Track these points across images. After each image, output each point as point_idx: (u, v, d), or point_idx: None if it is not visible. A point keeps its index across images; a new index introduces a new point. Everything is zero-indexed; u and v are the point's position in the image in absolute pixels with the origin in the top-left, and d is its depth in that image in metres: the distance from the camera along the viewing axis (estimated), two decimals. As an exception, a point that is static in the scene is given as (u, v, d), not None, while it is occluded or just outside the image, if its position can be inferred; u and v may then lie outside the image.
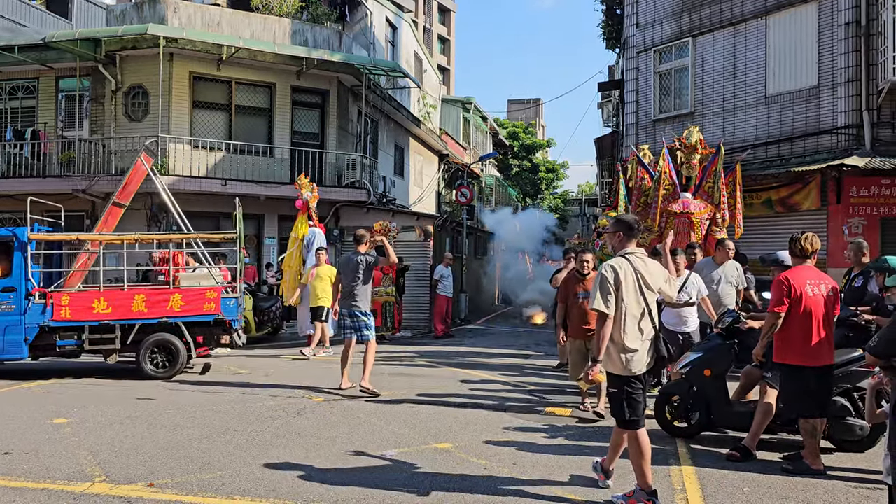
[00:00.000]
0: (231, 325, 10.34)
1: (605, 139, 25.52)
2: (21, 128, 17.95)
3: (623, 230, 4.88)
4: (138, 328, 10.01)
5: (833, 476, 5.37)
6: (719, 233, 10.16)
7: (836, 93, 12.55)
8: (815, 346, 5.45)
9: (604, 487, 5.06)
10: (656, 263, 5.01)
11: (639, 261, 4.79)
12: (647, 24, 16.14)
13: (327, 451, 5.98)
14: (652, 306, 4.76)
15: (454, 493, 4.95)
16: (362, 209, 18.41)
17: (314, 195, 13.92)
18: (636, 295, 4.69)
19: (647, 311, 4.72)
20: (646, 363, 4.71)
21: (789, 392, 5.57)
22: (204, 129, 17.48)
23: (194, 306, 10.16)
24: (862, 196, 12.03)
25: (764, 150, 13.63)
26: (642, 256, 4.86)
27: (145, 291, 10.21)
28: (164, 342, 10.04)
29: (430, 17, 61.08)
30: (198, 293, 10.25)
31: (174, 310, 10.07)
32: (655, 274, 4.84)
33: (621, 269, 4.69)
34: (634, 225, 4.91)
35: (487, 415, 7.57)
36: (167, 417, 7.34)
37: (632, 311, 4.67)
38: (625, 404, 4.69)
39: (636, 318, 4.68)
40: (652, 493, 4.61)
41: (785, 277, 5.53)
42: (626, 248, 4.85)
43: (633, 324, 4.66)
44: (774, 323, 5.52)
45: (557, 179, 52.42)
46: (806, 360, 5.45)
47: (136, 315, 9.99)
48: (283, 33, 18.32)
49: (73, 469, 5.42)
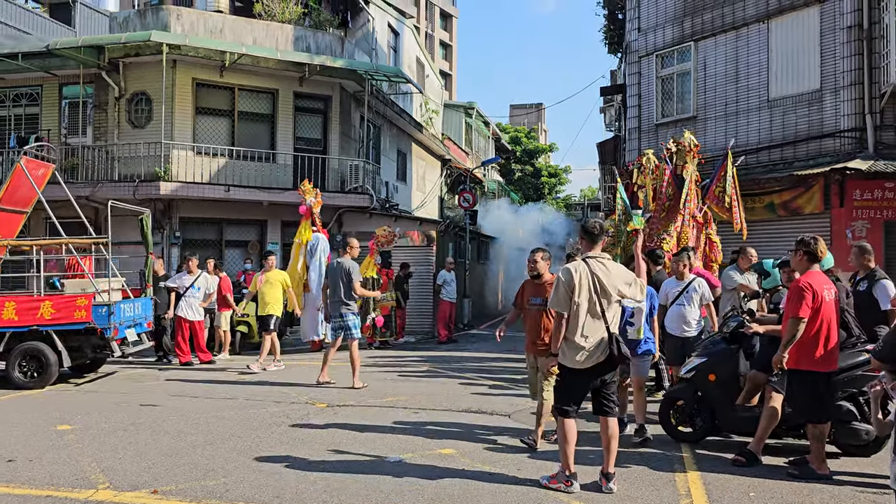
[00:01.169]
0: (103, 333, 9.80)
1: (608, 144, 25.50)
2: (25, 135, 18.00)
3: (585, 236, 5.31)
4: (9, 336, 9.72)
5: (839, 481, 5.35)
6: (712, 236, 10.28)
7: (839, 96, 12.53)
8: (829, 351, 5.44)
9: (608, 492, 5.05)
10: (620, 267, 5.32)
11: (598, 264, 5.14)
12: (649, 29, 16.16)
13: (331, 457, 5.97)
14: (607, 308, 5.09)
15: (459, 498, 4.93)
16: (365, 215, 18.42)
17: (318, 201, 13.90)
18: (589, 295, 5.07)
19: (600, 311, 5.07)
20: (594, 360, 5.07)
21: (802, 398, 5.49)
22: (207, 135, 17.52)
23: (65, 314, 9.78)
24: (865, 199, 11.99)
25: (767, 154, 13.61)
26: (603, 260, 5.20)
27: (17, 299, 9.99)
28: (34, 351, 9.71)
29: (432, 23, 61.19)
30: (69, 301, 9.89)
31: (44, 318, 9.74)
32: (615, 276, 5.14)
33: (576, 272, 5.09)
34: (594, 231, 5.27)
35: (491, 420, 7.55)
36: (171, 424, 7.33)
37: (584, 311, 5.06)
38: (563, 392, 5.24)
39: (588, 317, 5.06)
40: (572, 475, 5.12)
41: (807, 283, 5.41)
42: (588, 252, 5.25)
43: (584, 323, 5.06)
44: (798, 328, 5.36)
45: (560, 184, 52.45)
46: (820, 366, 5.42)
47: (7, 323, 9.72)
48: (285, 39, 18.36)
49: (78, 476, 5.42)
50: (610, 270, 5.15)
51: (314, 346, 14.01)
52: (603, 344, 5.06)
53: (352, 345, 9.48)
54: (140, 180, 16.31)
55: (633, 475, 5.51)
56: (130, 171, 16.73)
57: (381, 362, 12.43)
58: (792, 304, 5.42)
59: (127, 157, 16.93)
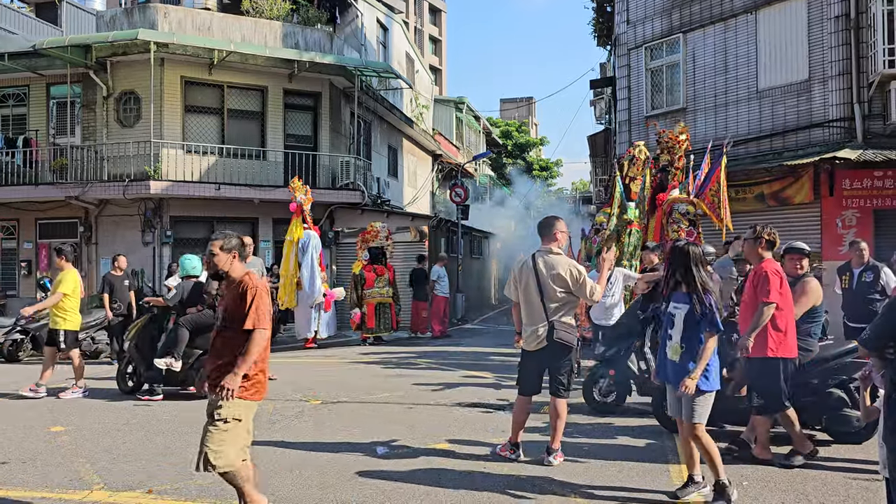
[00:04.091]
0: None
1: (599, 136, 25.55)
2: (12, 135, 17.89)
3: (538, 231, 5.89)
4: None
5: (831, 468, 5.39)
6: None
7: (828, 86, 12.59)
8: (793, 338, 5.56)
9: (547, 465, 5.55)
10: (560, 257, 5.70)
11: (541, 257, 5.66)
12: (638, 21, 16.18)
13: (326, 454, 5.97)
14: (547, 296, 5.57)
15: (456, 490, 4.95)
16: (357, 211, 18.41)
17: (308, 198, 13.90)
18: (528, 286, 5.67)
19: (540, 300, 5.59)
20: (536, 344, 5.62)
21: (775, 385, 5.47)
22: (196, 133, 17.45)
23: None
24: (855, 188, 12.07)
25: (756, 145, 13.67)
26: (546, 254, 5.68)
27: None
28: None
29: (420, 18, 61.03)
30: None
31: None
32: (555, 267, 5.58)
33: (519, 265, 5.86)
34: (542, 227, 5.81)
35: (485, 414, 7.57)
36: (164, 423, 7.31)
37: (526, 299, 5.70)
38: (519, 373, 5.92)
39: (529, 305, 5.67)
40: (515, 444, 5.75)
41: (778, 270, 5.54)
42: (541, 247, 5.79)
43: (525, 309, 5.73)
44: (767, 313, 5.41)
45: (551, 177, 52.50)
46: (789, 353, 5.51)
47: None
48: (273, 36, 18.29)
49: (72, 477, 5.40)
50: (550, 262, 5.61)
51: (308, 343, 14.01)
52: (545, 331, 5.56)
53: None
54: (130, 179, 16.24)
55: (627, 467, 5.54)
56: (120, 171, 16.66)
57: (374, 358, 12.43)
58: (762, 290, 5.46)
59: (116, 157, 16.85)
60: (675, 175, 10.46)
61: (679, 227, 9.96)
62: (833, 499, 4.78)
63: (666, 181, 10.53)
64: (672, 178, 10.48)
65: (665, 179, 10.54)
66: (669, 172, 10.46)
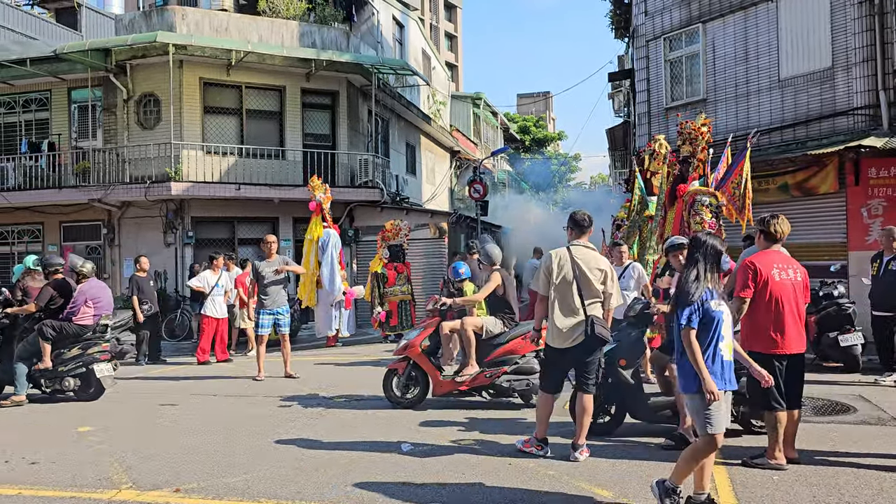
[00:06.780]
0: None
1: (617, 130, 25.37)
2: (36, 140, 18.14)
3: (571, 225, 5.74)
4: None
5: (863, 464, 5.30)
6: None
7: (851, 73, 12.36)
8: (783, 332, 5.25)
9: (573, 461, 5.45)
10: (597, 253, 5.68)
11: (579, 251, 5.56)
12: (656, 12, 16.00)
13: (348, 451, 5.98)
14: (585, 291, 5.46)
15: (483, 486, 4.92)
16: (376, 208, 18.43)
17: (327, 196, 13.90)
18: (566, 279, 5.49)
19: (578, 295, 5.46)
20: (571, 341, 5.47)
21: (756, 383, 4.95)
22: (216, 134, 17.57)
23: None
24: (881, 177, 11.84)
25: (779, 135, 13.47)
26: (583, 248, 5.59)
27: None
28: None
29: (436, 15, 60.96)
30: None
31: None
32: (597, 262, 5.55)
33: (556, 257, 5.58)
34: (581, 222, 5.67)
35: (511, 410, 7.54)
36: (191, 422, 7.37)
37: (562, 294, 5.50)
38: (545, 370, 5.80)
39: (566, 300, 5.48)
40: (543, 440, 5.67)
41: (750, 261, 5.35)
42: (571, 240, 5.68)
43: (560, 303, 5.50)
44: (740, 308, 5.27)
45: (570, 172, 52.23)
46: (773, 348, 5.25)
47: None
48: (290, 36, 18.35)
49: (100, 476, 5.46)
50: (586, 257, 5.54)
51: (330, 341, 14.05)
52: (581, 326, 5.44)
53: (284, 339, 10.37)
54: (151, 181, 16.39)
55: (653, 466, 5.48)
56: (141, 173, 16.82)
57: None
58: (736, 284, 5.38)
59: (137, 159, 17.02)
60: (696, 166, 10.33)
61: (702, 218, 9.82)
62: (866, 492, 4.69)
63: (687, 172, 10.40)
64: (693, 170, 10.35)
65: (686, 171, 10.41)
66: (691, 164, 10.33)
